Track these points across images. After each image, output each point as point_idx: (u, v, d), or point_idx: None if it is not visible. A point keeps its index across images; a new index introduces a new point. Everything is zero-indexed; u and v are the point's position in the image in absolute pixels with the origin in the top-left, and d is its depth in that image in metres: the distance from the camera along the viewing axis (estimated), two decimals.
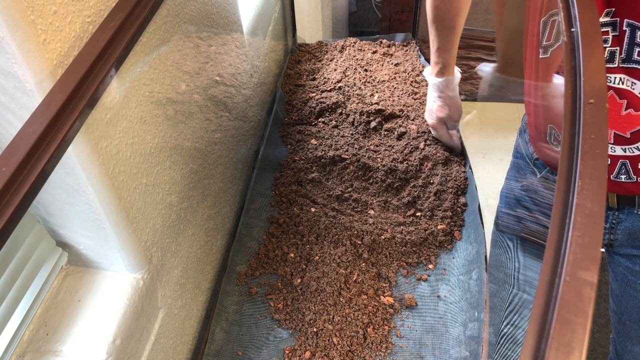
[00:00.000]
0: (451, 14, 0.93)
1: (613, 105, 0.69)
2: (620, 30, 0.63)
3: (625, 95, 0.67)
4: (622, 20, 0.62)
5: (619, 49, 0.64)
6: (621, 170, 0.74)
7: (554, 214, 0.38)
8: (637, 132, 0.69)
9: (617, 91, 0.67)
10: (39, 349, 0.61)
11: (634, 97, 0.67)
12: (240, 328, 0.86)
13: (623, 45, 0.64)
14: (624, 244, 0.84)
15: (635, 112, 0.67)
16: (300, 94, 1.30)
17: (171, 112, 0.73)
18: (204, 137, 0.87)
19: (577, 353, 0.31)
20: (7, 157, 0.42)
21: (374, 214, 0.99)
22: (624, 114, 0.68)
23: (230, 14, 0.98)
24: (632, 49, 0.63)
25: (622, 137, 0.71)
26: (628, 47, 0.63)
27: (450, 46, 0.98)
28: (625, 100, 0.67)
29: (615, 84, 0.67)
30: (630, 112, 0.68)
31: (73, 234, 0.65)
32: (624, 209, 0.80)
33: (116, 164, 0.60)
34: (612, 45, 0.65)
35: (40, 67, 0.47)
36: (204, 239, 0.91)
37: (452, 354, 0.79)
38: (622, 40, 0.63)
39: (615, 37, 0.64)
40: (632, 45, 0.63)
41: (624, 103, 0.68)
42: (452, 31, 0.96)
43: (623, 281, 0.89)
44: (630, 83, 0.65)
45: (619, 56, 0.65)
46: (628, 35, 0.63)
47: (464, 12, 0.94)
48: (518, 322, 0.96)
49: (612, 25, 0.64)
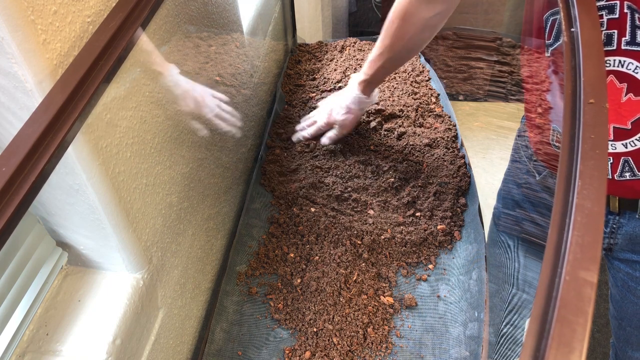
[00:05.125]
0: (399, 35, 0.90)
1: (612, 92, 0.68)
2: (621, 13, 0.62)
3: (626, 79, 0.66)
4: (623, 3, 0.62)
5: (617, 31, 0.64)
6: (625, 167, 0.73)
7: (553, 214, 0.38)
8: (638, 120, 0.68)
9: (617, 74, 0.67)
10: (39, 349, 0.61)
11: (635, 81, 0.66)
12: (240, 328, 0.86)
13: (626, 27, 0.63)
14: (623, 249, 0.84)
15: (635, 97, 0.66)
16: (300, 94, 1.30)
17: (171, 112, 0.73)
18: (204, 137, 0.87)
19: (577, 353, 0.31)
20: (7, 157, 0.42)
21: (373, 214, 0.99)
22: (624, 100, 0.67)
23: (230, 14, 0.98)
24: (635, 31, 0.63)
25: (623, 130, 0.70)
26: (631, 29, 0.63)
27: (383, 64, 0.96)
28: (626, 84, 0.66)
29: (615, 67, 0.66)
30: (630, 97, 0.67)
31: (73, 234, 0.65)
32: (625, 213, 0.80)
33: (116, 164, 0.60)
34: (609, 28, 0.64)
35: (40, 67, 0.47)
36: (204, 238, 0.91)
37: (452, 354, 0.79)
38: (623, 23, 0.63)
39: (614, 20, 0.63)
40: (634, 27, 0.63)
41: (624, 87, 0.67)
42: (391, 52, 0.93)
43: (623, 287, 0.89)
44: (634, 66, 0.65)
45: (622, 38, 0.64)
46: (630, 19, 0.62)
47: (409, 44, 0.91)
48: (518, 322, 0.96)
49: (608, 9, 0.63)
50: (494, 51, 2.26)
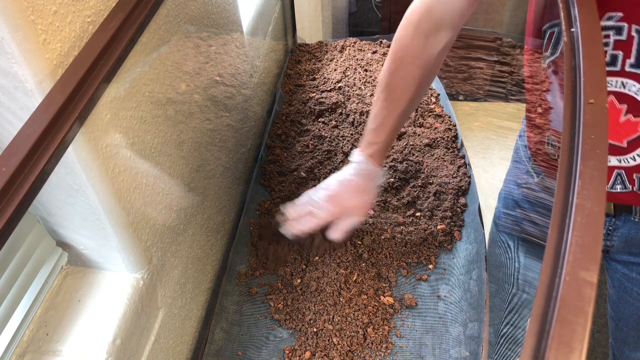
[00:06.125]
0: (407, 82, 0.76)
1: (611, 112, 0.68)
2: (629, 36, 0.62)
3: (626, 100, 0.67)
4: (631, 26, 0.62)
5: (623, 53, 0.64)
6: (617, 180, 0.74)
7: (553, 214, 0.38)
8: (634, 140, 0.69)
9: (618, 95, 0.67)
10: (39, 349, 0.61)
11: (636, 102, 0.66)
12: (240, 328, 0.86)
13: (631, 50, 0.63)
14: (620, 251, 0.84)
15: (634, 118, 0.67)
16: (300, 94, 1.30)
17: (171, 112, 0.73)
18: (204, 137, 0.87)
19: (577, 353, 0.31)
20: (7, 157, 0.42)
21: (373, 214, 0.99)
22: (623, 120, 0.68)
23: (230, 14, 0.98)
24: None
25: (618, 147, 0.70)
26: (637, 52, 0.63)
27: (393, 124, 0.78)
28: (626, 105, 0.67)
29: (616, 88, 0.67)
30: (629, 118, 0.67)
31: (73, 234, 0.65)
32: (620, 215, 0.80)
33: (116, 164, 0.60)
34: (615, 48, 0.64)
35: (40, 67, 0.47)
36: (204, 239, 0.91)
37: (452, 354, 0.79)
38: (629, 45, 0.63)
39: (620, 42, 0.63)
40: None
41: (623, 108, 0.67)
42: (401, 106, 0.77)
43: (620, 288, 0.89)
44: (636, 89, 0.65)
45: (627, 60, 0.64)
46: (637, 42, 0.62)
47: (421, 88, 0.78)
48: (518, 322, 0.96)
49: (615, 29, 0.63)
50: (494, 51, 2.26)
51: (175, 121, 0.75)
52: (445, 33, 0.73)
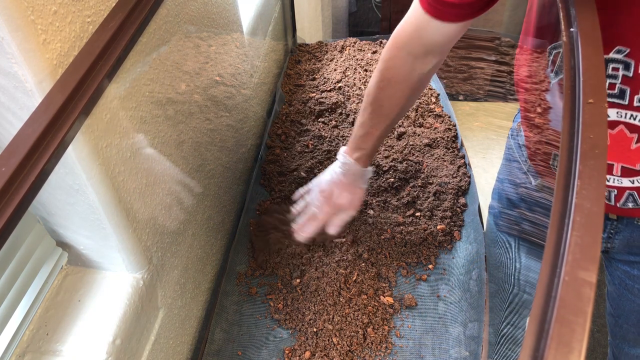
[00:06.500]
0: (394, 100, 0.79)
1: (622, 139, 0.69)
2: (635, 73, 0.62)
3: (637, 130, 0.67)
4: (638, 63, 0.62)
5: (630, 89, 0.64)
6: (628, 199, 0.75)
7: (553, 214, 0.38)
8: None
9: (628, 125, 0.68)
10: (39, 349, 0.61)
11: None
12: (240, 328, 0.86)
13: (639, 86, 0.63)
14: (621, 251, 0.85)
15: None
16: (300, 94, 1.30)
17: (171, 112, 0.73)
18: (204, 137, 0.87)
19: (577, 353, 0.31)
20: (7, 157, 0.42)
21: (373, 213, 0.99)
22: (634, 147, 0.69)
23: (230, 14, 0.98)
24: None
25: (631, 170, 0.71)
26: None
27: (380, 134, 0.83)
28: (636, 134, 0.68)
29: (626, 119, 0.67)
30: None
31: (73, 234, 0.65)
32: (623, 219, 0.80)
33: (116, 164, 0.60)
34: (623, 83, 0.64)
35: (40, 67, 0.47)
36: (204, 239, 0.91)
37: (452, 354, 0.79)
38: (637, 82, 0.63)
39: (628, 78, 0.63)
40: None
41: (634, 137, 0.68)
42: (388, 120, 0.81)
43: (620, 285, 0.89)
44: None
45: (635, 96, 0.64)
46: None
47: (407, 104, 0.81)
48: (518, 322, 0.96)
49: (624, 64, 0.63)
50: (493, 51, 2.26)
51: (175, 121, 0.75)
52: (433, 57, 0.74)
